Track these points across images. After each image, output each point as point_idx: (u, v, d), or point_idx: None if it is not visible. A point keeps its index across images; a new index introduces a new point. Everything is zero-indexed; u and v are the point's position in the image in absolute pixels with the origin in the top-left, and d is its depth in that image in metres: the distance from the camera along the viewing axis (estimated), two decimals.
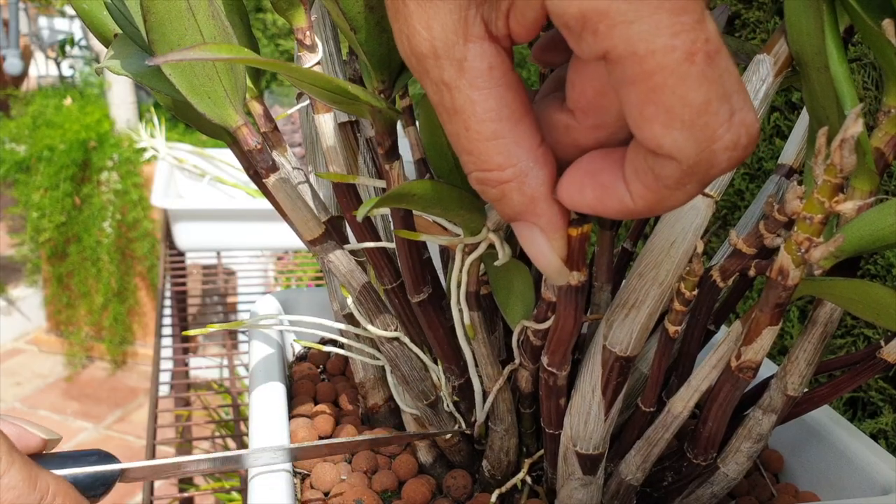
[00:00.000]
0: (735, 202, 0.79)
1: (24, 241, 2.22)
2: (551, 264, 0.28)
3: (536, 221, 0.27)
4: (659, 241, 0.36)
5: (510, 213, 0.27)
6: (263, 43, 2.24)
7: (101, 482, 0.38)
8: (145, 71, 0.35)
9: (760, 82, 0.35)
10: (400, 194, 0.32)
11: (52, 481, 0.35)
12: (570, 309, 0.35)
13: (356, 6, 0.31)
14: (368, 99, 0.31)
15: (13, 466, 0.33)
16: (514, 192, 0.26)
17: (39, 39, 2.84)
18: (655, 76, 0.21)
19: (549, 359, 0.39)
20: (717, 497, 0.44)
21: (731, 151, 0.22)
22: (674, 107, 0.21)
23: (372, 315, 0.46)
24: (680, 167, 0.22)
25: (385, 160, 0.38)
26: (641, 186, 0.23)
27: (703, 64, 0.21)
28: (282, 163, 0.49)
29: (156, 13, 0.30)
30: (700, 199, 0.35)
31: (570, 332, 0.36)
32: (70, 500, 0.35)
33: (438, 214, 0.37)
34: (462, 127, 0.25)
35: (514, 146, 0.25)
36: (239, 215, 1.43)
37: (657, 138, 0.22)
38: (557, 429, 0.42)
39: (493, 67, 0.24)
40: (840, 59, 0.32)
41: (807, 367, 0.41)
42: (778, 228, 0.33)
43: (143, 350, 2.42)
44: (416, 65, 0.25)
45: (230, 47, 0.25)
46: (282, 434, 0.47)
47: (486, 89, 0.24)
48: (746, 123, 0.22)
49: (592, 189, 0.25)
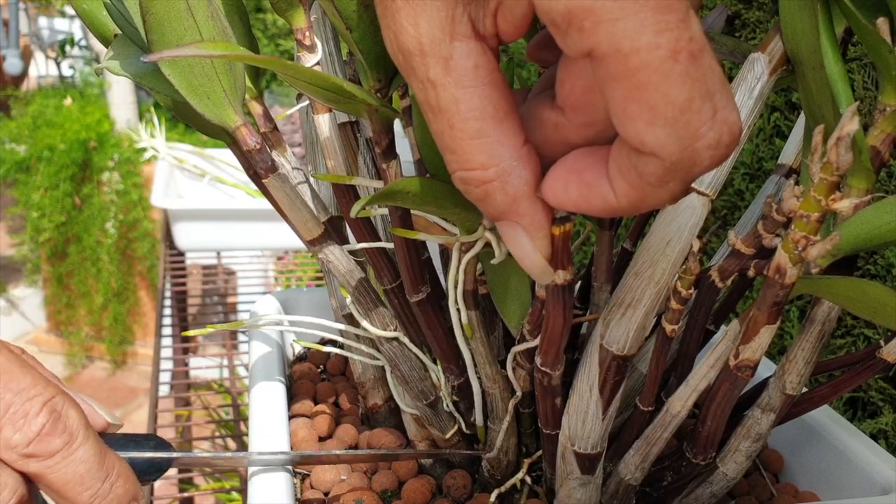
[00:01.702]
0: (735, 202, 0.79)
1: (24, 241, 2.23)
2: (535, 264, 0.28)
3: (520, 221, 0.27)
4: (655, 240, 0.36)
5: (494, 212, 0.27)
6: (264, 43, 2.25)
7: (156, 468, 0.39)
8: (144, 71, 0.35)
9: (755, 80, 0.35)
10: (393, 192, 0.32)
11: (117, 462, 0.36)
12: (558, 308, 0.35)
13: (351, 5, 0.31)
14: (364, 97, 0.31)
15: (88, 441, 0.35)
16: (497, 192, 0.26)
17: (39, 39, 2.84)
18: (639, 73, 0.21)
19: (541, 358, 0.39)
20: (716, 497, 0.45)
21: (714, 150, 0.22)
22: (657, 104, 0.21)
23: (371, 315, 0.46)
24: (663, 164, 0.22)
25: (382, 159, 0.38)
26: (625, 184, 0.23)
27: (687, 62, 0.21)
28: (281, 163, 0.49)
29: (155, 14, 0.30)
30: (696, 197, 0.36)
31: (561, 331, 0.36)
32: (129, 483, 0.37)
33: (433, 212, 0.37)
34: (446, 125, 0.25)
35: (497, 145, 0.25)
36: (239, 215, 1.43)
37: (640, 135, 0.22)
38: (555, 429, 0.42)
39: (478, 66, 0.24)
40: (835, 58, 0.32)
41: (805, 366, 0.41)
42: (776, 228, 0.33)
43: (143, 350, 2.42)
44: (403, 62, 0.25)
45: (225, 45, 0.26)
46: (282, 435, 0.47)
47: (472, 88, 0.24)
48: (729, 122, 0.22)
49: (577, 187, 0.25)
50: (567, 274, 0.32)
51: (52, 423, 0.34)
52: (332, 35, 0.45)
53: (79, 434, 0.34)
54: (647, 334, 0.40)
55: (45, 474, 0.34)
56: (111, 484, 0.36)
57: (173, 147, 1.73)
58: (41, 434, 0.33)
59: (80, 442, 0.34)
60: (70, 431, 0.34)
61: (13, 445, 0.33)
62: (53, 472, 0.34)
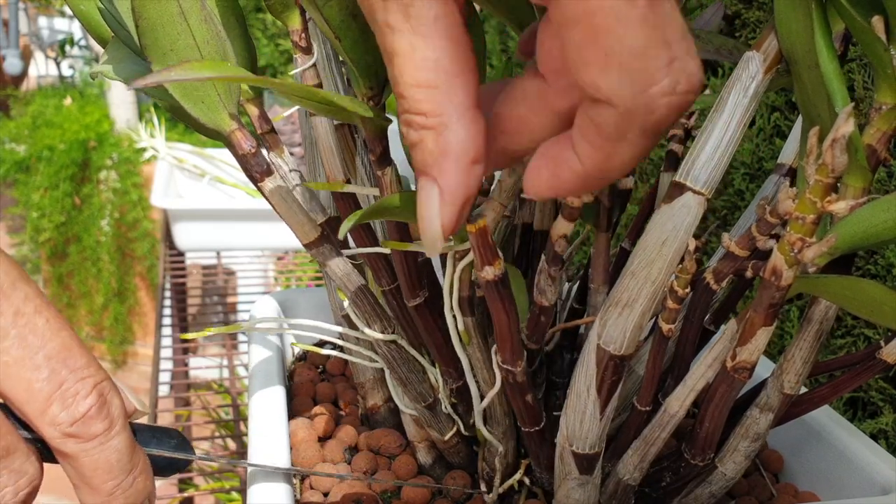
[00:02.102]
0: (735, 202, 0.79)
1: (24, 241, 2.23)
2: (431, 228, 0.27)
3: (439, 178, 0.26)
4: (651, 240, 0.36)
5: (420, 163, 0.26)
6: (263, 43, 2.24)
7: (175, 468, 0.39)
8: (137, 76, 0.35)
9: (750, 79, 0.35)
10: (384, 207, 0.32)
11: (143, 458, 0.36)
12: (495, 303, 0.35)
13: (339, 15, 0.31)
14: (355, 109, 0.31)
15: (125, 431, 0.35)
16: (429, 139, 0.25)
17: (39, 39, 2.84)
18: (596, 17, 0.21)
19: (501, 356, 0.39)
20: (715, 497, 0.44)
21: (669, 96, 0.22)
22: (612, 48, 0.21)
23: (369, 318, 0.46)
24: (617, 112, 0.22)
25: (377, 166, 0.38)
26: (586, 145, 0.24)
27: (645, 7, 0.21)
28: (279, 164, 0.48)
29: (147, 18, 0.29)
30: (691, 197, 0.35)
31: (507, 325, 0.36)
32: (148, 480, 0.37)
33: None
34: (399, 70, 0.25)
35: (444, 98, 0.25)
36: (239, 215, 1.43)
37: (595, 81, 0.22)
38: (533, 426, 0.42)
39: (438, 17, 0.24)
40: (830, 57, 0.32)
41: (803, 366, 0.41)
42: (770, 230, 0.33)
43: (143, 350, 2.42)
44: (366, 5, 0.25)
45: (212, 65, 0.25)
46: (281, 438, 0.47)
47: (429, 37, 0.24)
48: (687, 71, 0.22)
49: (546, 166, 0.25)
50: (495, 269, 0.32)
51: (99, 406, 0.34)
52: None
53: (118, 422, 0.35)
54: (644, 334, 0.40)
55: (79, 457, 0.34)
56: (134, 478, 0.36)
57: (173, 147, 1.73)
58: (86, 416, 0.33)
59: (117, 430, 0.34)
60: (112, 418, 0.34)
61: (58, 423, 0.33)
62: (88, 455, 0.34)
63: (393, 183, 0.38)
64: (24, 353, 0.32)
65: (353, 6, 0.31)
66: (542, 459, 0.45)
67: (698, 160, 0.36)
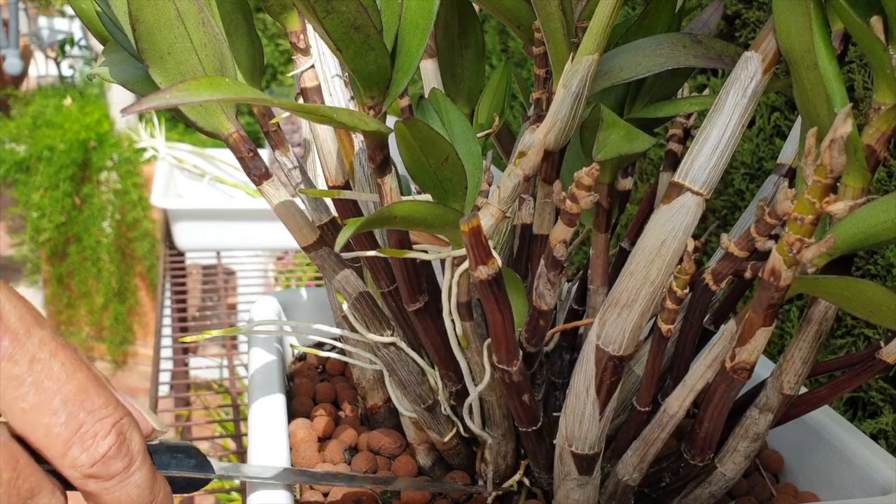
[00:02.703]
0: (735, 202, 0.79)
1: (24, 241, 2.23)
2: None
3: None
4: (650, 241, 0.36)
5: None
6: (263, 43, 2.24)
7: (193, 487, 0.40)
8: (135, 79, 0.35)
9: (749, 79, 0.35)
10: (383, 217, 0.32)
11: (164, 486, 0.37)
12: (489, 302, 0.35)
13: (341, 27, 0.31)
14: (355, 124, 0.31)
15: (145, 465, 0.35)
16: None
17: (39, 39, 2.84)
18: None
19: (496, 356, 0.39)
20: (715, 497, 0.44)
21: None
22: None
23: (368, 321, 0.46)
24: None
25: (377, 174, 0.37)
26: None
27: None
28: (283, 162, 0.48)
29: (144, 21, 0.29)
30: (690, 197, 0.35)
31: (502, 325, 0.36)
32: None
33: (424, 231, 0.37)
34: None
35: None
36: (239, 215, 1.43)
37: None
38: (530, 426, 0.42)
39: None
40: (829, 57, 0.32)
41: (802, 366, 0.41)
42: (769, 231, 0.33)
43: (143, 350, 2.42)
44: None
45: (209, 84, 0.25)
46: (281, 439, 0.47)
47: None
48: None
49: None
50: (489, 269, 0.32)
51: (118, 446, 0.34)
52: None
53: (138, 458, 0.35)
54: (643, 335, 0.40)
55: (101, 495, 0.34)
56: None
57: (173, 147, 1.73)
58: (106, 456, 0.34)
59: (137, 465, 0.35)
60: (131, 455, 0.35)
61: (79, 465, 0.33)
62: (109, 493, 0.34)
63: (393, 191, 0.38)
64: (41, 398, 0.33)
65: (355, 17, 0.31)
66: (540, 460, 0.45)
67: (697, 161, 0.35)
